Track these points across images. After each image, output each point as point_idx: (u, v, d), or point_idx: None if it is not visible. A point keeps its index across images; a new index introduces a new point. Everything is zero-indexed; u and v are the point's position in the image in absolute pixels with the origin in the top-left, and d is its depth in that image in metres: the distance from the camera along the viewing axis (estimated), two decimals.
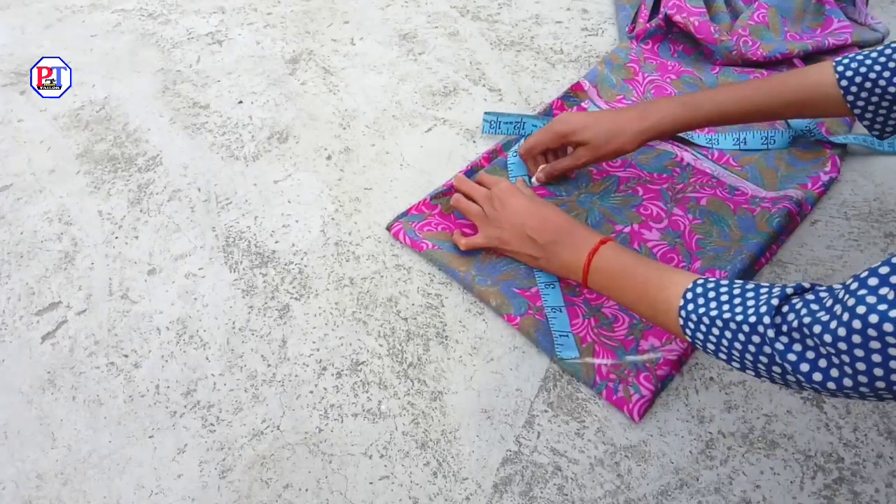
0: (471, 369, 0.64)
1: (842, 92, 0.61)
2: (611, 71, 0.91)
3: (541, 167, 0.76)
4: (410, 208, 0.76)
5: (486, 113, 0.84)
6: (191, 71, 0.98)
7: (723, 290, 0.49)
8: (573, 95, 0.88)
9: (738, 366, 0.48)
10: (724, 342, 0.47)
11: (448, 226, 0.74)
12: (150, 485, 0.57)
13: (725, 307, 0.47)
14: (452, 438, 0.59)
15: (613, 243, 0.61)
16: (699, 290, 0.50)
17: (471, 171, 0.79)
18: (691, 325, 0.50)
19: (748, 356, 0.46)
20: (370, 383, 0.63)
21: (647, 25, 0.95)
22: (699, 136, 0.81)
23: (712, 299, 0.49)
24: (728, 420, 0.59)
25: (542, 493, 0.56)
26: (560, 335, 0.64)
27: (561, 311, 0.65)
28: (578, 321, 0.65)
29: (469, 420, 0.60)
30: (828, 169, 0.76)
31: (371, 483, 0.57)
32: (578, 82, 0.89)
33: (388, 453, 0.58)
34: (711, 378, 0.62)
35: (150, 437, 0.60)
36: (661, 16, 0.94)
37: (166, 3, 1.11)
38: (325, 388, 0.63)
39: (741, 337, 0.46)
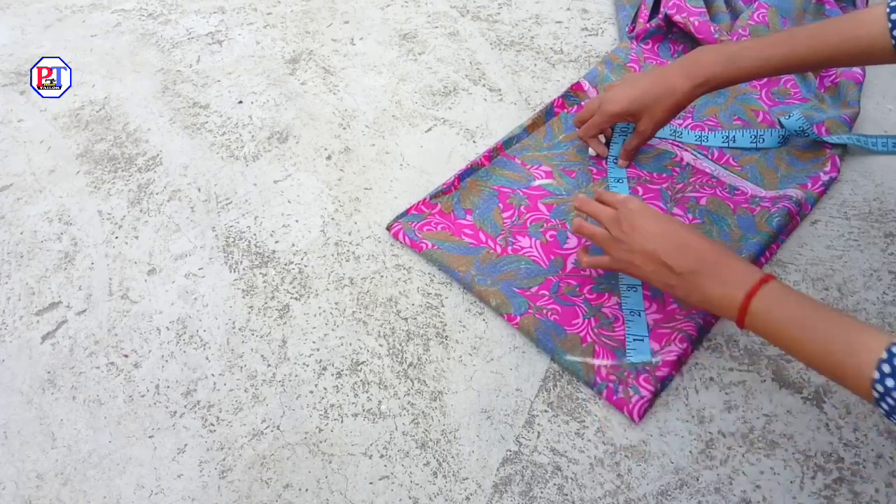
0: (471, 369, 0.64)
1: (894, 42, 0.58)
2: (611, 71, 0.91)
3: (620, 159, 0.79)
4: (410, 208, 0.76)
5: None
6: (191, 71, 0.98)
7: None
8: (573, 95, 0.88)
9: None
10: None
11: (448, 225, 0.74)
12: (150, 485, 0.57)
13: None
14: (452, 438, 0.59)
15: (777, 283, 0.53)
16: None
17: (471, 171, 0.79)
18: (890, 402, 0.43)
19: None
20: (370, 383, 0.63)
21: (647, 25, 0.95)
22: (688, 134, 0.81)
23: None
24: (728, 420, 0.59)
25: (542, 493, 0.56)
26: (634, 339, 0.63)
27: (640, 316, 0.64)
28: (578, 321, 0.65)
29: (469, 420, 0.60)
30: (828, 169, 0.76)
31: (371, 483, 0.57)
32: (578, 82, 0.88)
33: (388, 453, 0.58)
34: (711, 378, 0.62)
35: (150, 437, 0.60)
36: (660, 16, 0.94)
37: (166, 3, 1.11)
38: (325, 388, 0.63)
39: None
